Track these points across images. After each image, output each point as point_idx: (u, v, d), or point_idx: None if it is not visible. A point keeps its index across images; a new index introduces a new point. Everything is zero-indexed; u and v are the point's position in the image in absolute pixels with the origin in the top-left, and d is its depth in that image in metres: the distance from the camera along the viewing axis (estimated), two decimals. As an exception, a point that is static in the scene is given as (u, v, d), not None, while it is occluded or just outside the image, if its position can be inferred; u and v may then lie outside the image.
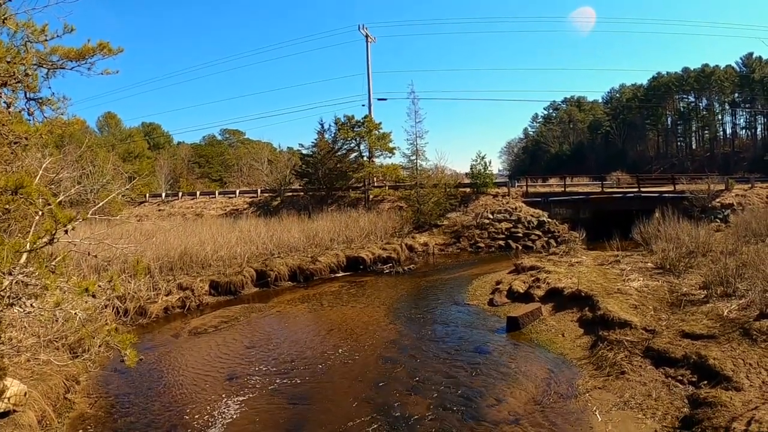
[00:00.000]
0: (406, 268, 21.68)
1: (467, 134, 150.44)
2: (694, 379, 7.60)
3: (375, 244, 24.02)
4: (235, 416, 7.80)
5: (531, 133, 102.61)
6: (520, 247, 26.64)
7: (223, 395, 8.62)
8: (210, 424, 7.55)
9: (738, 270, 11.26)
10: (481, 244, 27.35)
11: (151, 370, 10.14)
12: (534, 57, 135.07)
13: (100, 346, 7.01)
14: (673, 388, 7.61)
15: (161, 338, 12.50)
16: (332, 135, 37.09)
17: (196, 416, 7.81)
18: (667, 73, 77.41)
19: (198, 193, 46.25)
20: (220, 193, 44.92)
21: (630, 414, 7.19)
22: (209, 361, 10.53)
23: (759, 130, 72.67)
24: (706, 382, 7.35)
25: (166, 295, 15.30)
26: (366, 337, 12.01)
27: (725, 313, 9.51)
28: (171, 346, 11.78)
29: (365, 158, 36.57)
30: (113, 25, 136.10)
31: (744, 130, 75.44)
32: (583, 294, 12.70)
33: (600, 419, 7.15)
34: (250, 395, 8.61)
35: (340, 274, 20.54)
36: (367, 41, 39.60)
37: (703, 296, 10.99)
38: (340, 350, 10.99)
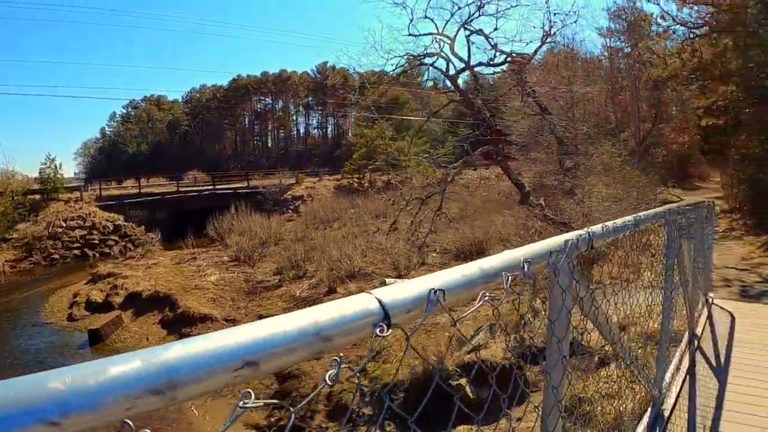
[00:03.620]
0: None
1: (42, 135, 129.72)
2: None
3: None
4: None
5: (108, 132, 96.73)
6: (98, 255, 26.42)
7: None
8: None
9: (307, 254, 13.55)
10: (56, 256, 26.17)
11: None
12: (114, 54, 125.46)
13: None
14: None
15: None
16: None
17: None
18: (248, 75, 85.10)
19: None
20: None
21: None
22: None
23: (329, 129, 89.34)
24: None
25: None
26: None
27: (298, 294, 11.32)
28: None
29: None
30: None
31: (316, 130, 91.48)
32: (161, 295, 13.25)
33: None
34: None
35: None
36: None
37: (277, 281, 12.76)
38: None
